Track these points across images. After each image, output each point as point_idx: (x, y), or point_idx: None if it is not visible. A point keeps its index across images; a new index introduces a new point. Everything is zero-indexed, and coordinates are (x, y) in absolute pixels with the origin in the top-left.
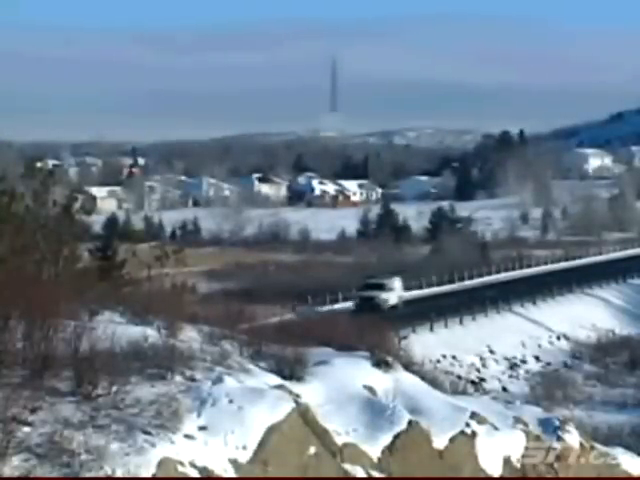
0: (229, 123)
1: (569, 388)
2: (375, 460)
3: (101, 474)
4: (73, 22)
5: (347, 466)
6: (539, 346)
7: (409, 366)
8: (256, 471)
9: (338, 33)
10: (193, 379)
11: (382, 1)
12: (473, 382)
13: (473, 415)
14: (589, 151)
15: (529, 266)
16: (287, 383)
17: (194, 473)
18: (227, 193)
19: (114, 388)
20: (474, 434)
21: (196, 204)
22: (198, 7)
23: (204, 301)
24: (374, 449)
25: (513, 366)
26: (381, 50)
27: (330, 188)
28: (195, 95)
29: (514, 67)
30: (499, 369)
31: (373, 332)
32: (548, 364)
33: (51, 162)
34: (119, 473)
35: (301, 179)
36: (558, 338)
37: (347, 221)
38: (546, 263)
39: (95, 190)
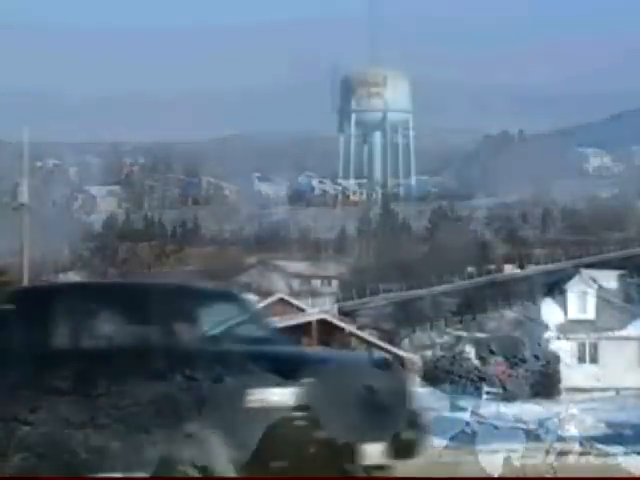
0: (229, 123)
1: (569, 387)
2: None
3: (101, 474)
4: (72, 21)
5: (347, 466)
6: (539, 345)
7: (409, 366)
8: (256, 471)
9: (338, 33)
10: (193, 379)
11: (382, 1)
12: (473, 382)
13: (473, 415)
14: (589, 151)
15: (529, 265)
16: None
17: (194, 473)
18: (227, 193)
19: (114, 388)
20: (474, 434)
21: (196, 203)
22: (197, 7)
23: None
24: (374, 449)
25: (513, 365)
26: (381, 50)
27: (330, 188)
28: (195, 95)
29: (514, 67)
30: (500, 368)
31: (374, 332)
32: (548, 363)
33: (51, 162)
34: (119, 473)
35: (301, 179)
36: (558, 337)
37: (347, 221)
38: (546, 263)
39: (95, 190)
